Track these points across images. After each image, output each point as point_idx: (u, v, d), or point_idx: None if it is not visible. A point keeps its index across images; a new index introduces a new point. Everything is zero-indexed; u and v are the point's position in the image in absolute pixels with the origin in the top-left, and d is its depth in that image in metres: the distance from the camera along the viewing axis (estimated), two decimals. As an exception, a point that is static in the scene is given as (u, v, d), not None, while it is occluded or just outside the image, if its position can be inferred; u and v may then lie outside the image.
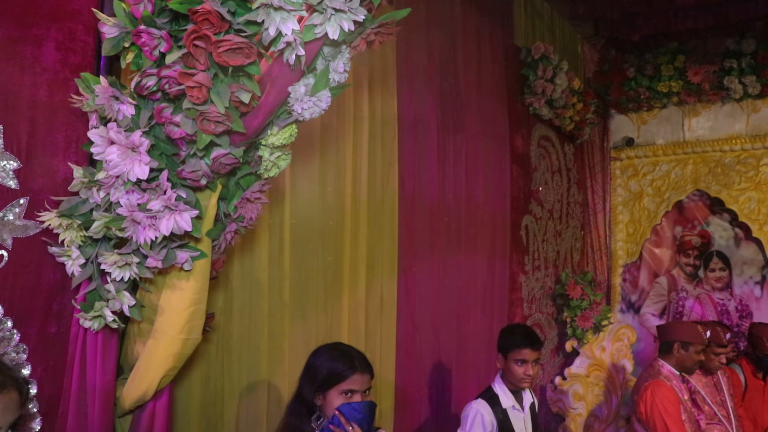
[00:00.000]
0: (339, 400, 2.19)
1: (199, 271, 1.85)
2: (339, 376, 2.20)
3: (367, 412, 2.19)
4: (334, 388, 2.20)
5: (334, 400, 2.20)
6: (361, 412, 2.17)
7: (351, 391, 2.20)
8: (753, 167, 5.42)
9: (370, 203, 3.20)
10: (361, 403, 2.19)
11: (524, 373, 3.19)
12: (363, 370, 2.24)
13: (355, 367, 2.21)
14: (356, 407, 2.17)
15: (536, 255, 4.93)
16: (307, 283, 2.87)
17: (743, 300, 5.43)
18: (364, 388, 2.23)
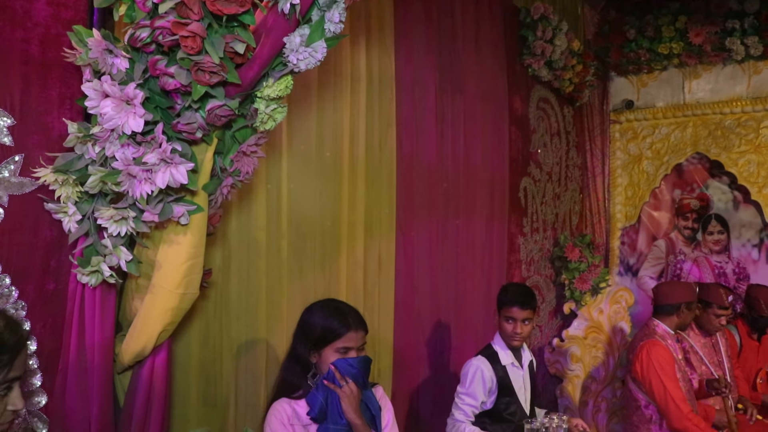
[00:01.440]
0: (334, 357, 2.20)
1: (195, 225, 1.85)
2: (334, 334, 2.21)
3: (361, 367, 2.21)
4: (329, 346, 2.22)
5: (329, 357, 2.21)
6: (356, 367, 2.19)
7: (346, 349, 2.22)
8: (753, 130, 5.39)
9: (367, 164, 3.19)
10: (356, 359, 2.21)
11: (513, 331, 3.24)
12: (357, 327, 2.24)
13: (350, 325, 2.22)
14: (351, 363, 2.19)
15: (535, 217, 4.93)
16: (304, 241, 2.87)
17: (741, 263, 5.44)
18: (359, 344, 2.25)
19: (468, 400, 3.26)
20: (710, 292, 4.19)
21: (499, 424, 3.26)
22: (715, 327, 4.20)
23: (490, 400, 3.28)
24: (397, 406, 3.43)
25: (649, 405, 3.60)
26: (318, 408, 2.19)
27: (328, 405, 2.19)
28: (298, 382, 2.26)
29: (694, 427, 3.46)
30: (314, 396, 2.20)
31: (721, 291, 4.19)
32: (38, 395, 1.96)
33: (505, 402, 3.28)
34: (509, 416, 3.27)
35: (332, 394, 2.18)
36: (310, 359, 2.26)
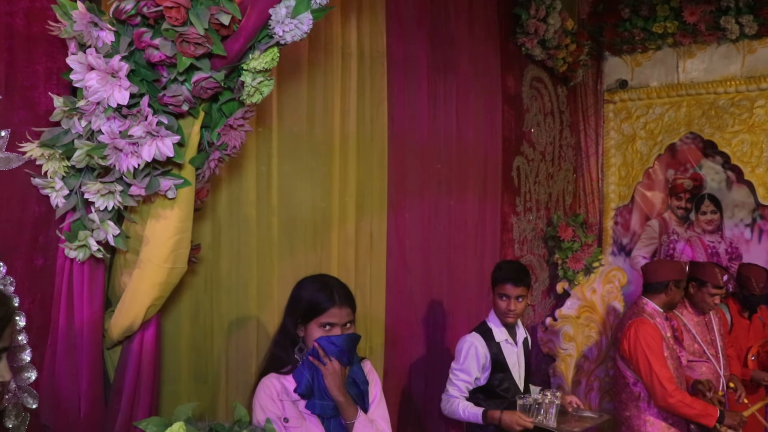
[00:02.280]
0: (318, 332, 2.20)
1: (183, 199, 1.85)
2: (318, 309, 2.21)
3: (345, 345, 2.20)
4: (314, 321, 2.22)
5: (314, 332, 2.21)
6: (338, 345, 2.19)
7: (330, 324, 2.21)
8: (747, 109, 5.38)
9: (359, 141, 3.18)
10: (339, 337, 2.20)
11: (507, 308, 3.28)
12: (342, 304, 2.23)
13: (334, 301, 2.21)
14: (334, 340, 2.18)
15: (528, 197, 4.93)
16: (295, 219, 2.87)
17: (733, 242, 5.45)
18: (344, 321, 2.23)
19: (462, 376, 3.30)
20: (705, 271, 4.21)
21: (493, 400, 3.29)
22: (709, 306, 4.22)
23: (483, 376, 3.31)
24: (389, 384, 3.46)
25: (638, 383, 3.62)
26: (304, 384, 2.20)
27: (314, 381, 2.20)
28: (286, 356, 2.27)
29: (679, 403, 3.47)
30: (300, 372, 2.21)
31: (717, 270, 4.20)
32: (28, 370, 1.96)
33: (499, 378, 3.31)
34: (503, 392, 3.30)
35: (318, 370, 2.19)
36: (298, 333, 2.27)
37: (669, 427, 3.59)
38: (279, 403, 2.22)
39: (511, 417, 3.12)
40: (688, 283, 4.32)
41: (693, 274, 4.29)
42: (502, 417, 3.14)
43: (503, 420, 3.14)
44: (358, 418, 2.21)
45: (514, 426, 3.11)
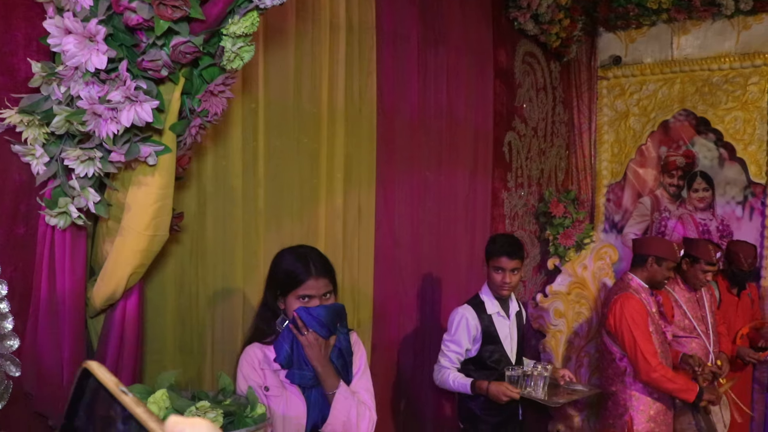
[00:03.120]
0: (297, 304, 2.21)
1: (164, 166, 1.83)
2: (295, 281, 2.21)
3: (324, 316, 2.20)
4: (292, 293, 2.22)
5: (293, 304, 2.21)
6: (316, 316, 2.19)
7: (307, 296, 2.21)
8: (741, 86, 5.36)
9: (347, 113, 3.16)
10: (318, 308, 2.20)
11: (501, 281, 3.32)
12: (319, 275, 2.22)
13: (310, 272, 2.21)
14: (312, 312, 2.18)
15: (519, 172, 4.92)
16: (281, 190, 2.86)
17: (725, 220, 5.45)
18: (322, 292, 2.23)
19: (453, 347, 3.35)
20: (699, 248, 4.22)
21: (484, 372, 3.33)
22: (701, 282, 4.24)
23: (474, 347, 3.36)
24: (378, 357, 3.47)
25: (624, 358, 3.64)
26: (284, 354, 2.20)
27: (293, 351, 2.20)
28: (268, 327, 2.27)
29: (661, 378, 3.49)
30: (280, 343, 2.21)
31: (710, 247, 4.21)
32: (10, 339, 1.95)
33: (489, 350, 3.35)
34: (493, 364, 3.34)
35: (298, 340, 2.19)
36: (278, 305, 2.27)
37: (654, 401, 3.61)
38: (260, 372, 2.23)
39: (498, 388, 3.16)
40: (682, 259, 4.33)
41: (686, 251, 4.31)
42: (489, 388, 3.18)
43: (490, 391, 3.18)
44: (339, 388, 2.22)
45: (501, 397, 3.14)
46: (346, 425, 2.23)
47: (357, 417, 2.24)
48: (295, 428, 2.21)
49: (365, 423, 2.26)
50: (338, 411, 2.21)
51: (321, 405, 2.23)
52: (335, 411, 2.20)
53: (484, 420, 3.36)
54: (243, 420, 1.92)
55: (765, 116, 5.24)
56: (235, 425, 1.90)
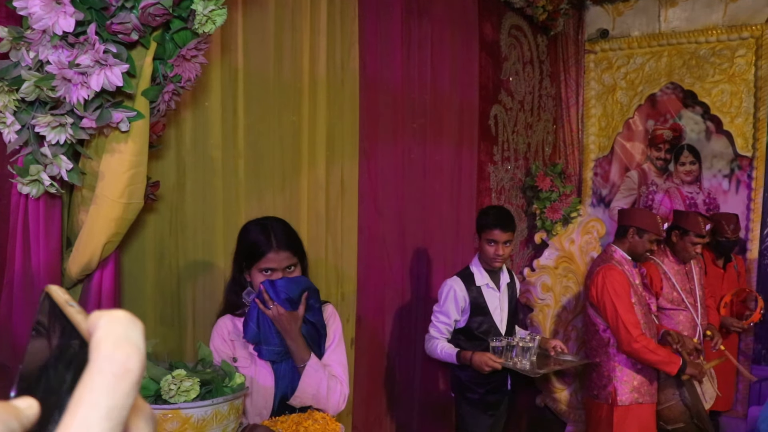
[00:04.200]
0: (260, 277, 2.20)
1: (137, 132, 1.80)
2: (256, 254, 2.20)
3: (287, 289, 2.19)
4: (255, 267, 2.21)
5: (257, 277, 2.21)
6: (278, 290, 2.18)
7: (270, 270, 2.20)
8: (728, 59, 5.35)
9: (329, 84, 3.12)
10: (281, 281, 2.19)
11: (494, 253, 3.35)
12: (280, 248, 2.20)
13: (271, 245, 2.19)
14: (276, 285, 2.17)
15: (506, 146, 4.90)
16: (262, 161, 2.83)
17: (711, 193, 5.46)
18: (284, 265, 2.21)
19: (442, 318, 3.39)
20: (688, 220, 4.22)
21: (473, 342, 3.37)
22: (690, 255, 4.25)
23: (463, 318, 3.38)
24: (362, 331, 3.47)
25: (607, 329, 3.65)
26: (251, 333, 2.20)
27: (260, 328, 2.19)
28: (237, 299, 2.27)
29: (643, 348, 3.50)
30: (246, 321, 2.21)
31: (700, 219, 4.22)
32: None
33: (478, 321, 3.38)
34: (481, 335, 3.37)
35: (264, 315, 2.18)
36: (244, 277, 2.26)
37: (637, 372, 3.62)
38: (229, 343, 2.23)
39: (481, 358, 3.18)
40: (671, 231, 4.34)
41: (676, 223, 4.32)
42: (473, 358, 3.21)
43: (473, 361, 3.20)
44: (309, 361, 2.21)
45: (483, 366, 3.17)
46: (316, 398, 2.23)
47: (327, 390, 2.23)
48: (262, 399, 2.21)
49: (336, 396, 2.26)
50: (307, 384, 2.21)
51: (290, 377, 2.22)
52: (304, 384, 2.20)
53: (473, 390, 3.40)
54: (221, 389, 1.91)
55: (752, 89, 5.24)
56: (213, 394, 1.89)
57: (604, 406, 3.67)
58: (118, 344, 0.42)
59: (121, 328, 0.43)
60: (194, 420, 1.80)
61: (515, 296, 3.56)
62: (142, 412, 0.46)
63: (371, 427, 3.65)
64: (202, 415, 1.82)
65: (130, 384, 0.41)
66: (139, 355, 0.42)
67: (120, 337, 0.42)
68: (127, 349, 0.42)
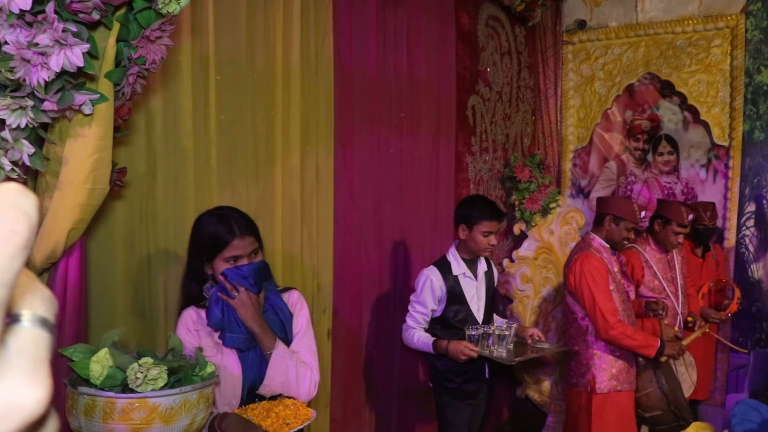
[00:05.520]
0: (225, 266, 2.16)
1: (101, 116, 1.76)
2: (219, 243, 2.16)
3: (253, 274, 2.16)
4: (219, 257, 2.17)
5: (221, 267, 2.16)
6: (247, 274, 2.15)
7: (235, 257, 2.17)
8: (704, 49, 5.37)
9: (303, 73, 3.09)
10: (247, 266, 2.16)
11: (488, 243, 3.35)
12: (243, 234, 2.18)
13: (235, 232, 2.16)
14: (242, 270, 2.14)
15: (484, 137, 4.88)
16: (235, 150, 2.79)
17: (689, 183, 5.48)
18: (249, 251, 2.19)
19: (419, 308, 3.38)
20: (671, 209, 4.23)
21: (449, 331, 3.36)
22: (672, 244, 4.26)
23: (439, 308, 3.37)
24: (338, 321, 3.45)
25: (585, 317, 3.64)
26: (215, 318, 2.16)
27: (224, 315, 2.16)
28: (198, 293, 2.23)
29: (620, 335, 3.50)
30: (211, 307, 2.17)
31: (683, 209, 4.23)
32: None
33: (454, 310, 3.37)
34: (458, 323, 3.36)
35: (228, 304, 2.15)
36: (205, 271, 2.22)
37: (616, 359, 3.62)
38: (194, 333, 2.20)
39: (456, 346, 3.17)
40: (654, 220, 4.35)
41: (659, 212, 4.33)
42: (449, 346, 3.20)
43: (449, 349, 3.19)
44: (276, 348, 2.18)
45: (459, 355, 3.16)
46: (285, 385, 2.20)
47: (297, 377, 2.20)
48: (230, 389, 2.18)
49: (306, 383, 2.23)
50: (275, 372, 2.18)
51: (259, 365, 2.20)
52: (272, 371, 2.18)
53: (451, 379, 3.38)
54: (190, 378, 1.88)
55: (728, 78, 5.26)
56: (182, 383, 1.85)
57: (583, 394, 3.67)
58: (5, 208, 0.42)
59: (11, 195, 0.43)
60: (162, 409, 1.76)
61: (493, 285, 3.55)
62: (40, 291, 0.46)
63: (350, 418, 3.63)
64: (170, 404, 1.78)
65: (15, 246, 0.41)
66: (28, 220, 0.42)
67: (8, 203, 0.42)
68: (14, 213, 0.42)
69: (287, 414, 2.08)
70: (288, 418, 2.08)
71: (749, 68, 5.16)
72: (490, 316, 3.52)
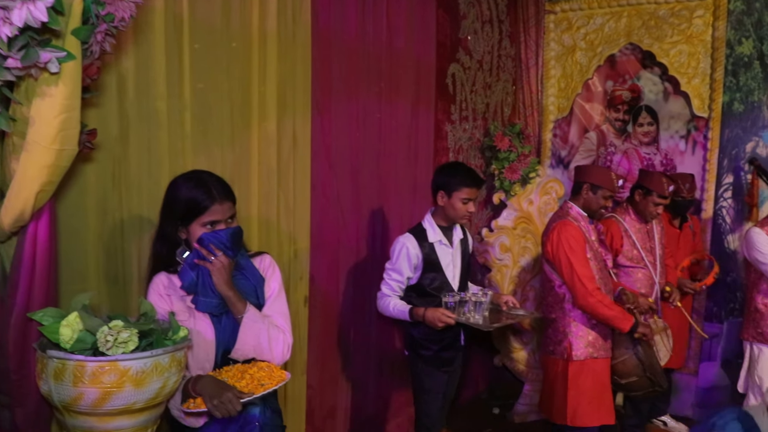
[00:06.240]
0: (202, 231, 2.14)
1: (68, 75, 1.72)
2: (198, 208, 2.13)
3: (232, 239, 2.15)
4: (196, 222, 2.14)
5: (197, 232, 2.14)
6: (225, 239, 2.13)
7: (213, 222, 2.15)
8: (686, 19, 5.34)
9: (279, 37, 3.04)
10: (225, 231, 2.14)
11: (467, 211, 3.32)
12: (223, 199, 2.16)
13: (214, 197, 2.14)
14: (221, 235, 2.12)
15: (464, 105, 4.85)
16: (210, 115, 2.75)
17: (668, 154, 5.49)
18: (227, 216, 2.17)
19: (394, 276, 3.36)
20: (653, 180, 4.24)
21: (425, 299, 3.34)
22: (652, 215, 4.28)
23: (415, 275, 3.35)
24: (315, 288, 3.44)
25: (563, 285, 3.64)
26: (189, 280, 2.15)
27: (199, 278, 2.14)
28: (169, 257, 2.20)
29: (598, 303, 3.51)
30: (185, 269, 2.15)
31: (664, 180, 4.24)
32: None
33: (430, 278, 3.35)
34: (433, 291, 3.35)
35: (202, 268, 2.13)
36: (179, 235, 2.20)
37: (592, 328, 3.64)
38: (166, 298, 2.18)
39: (434, 314, 3.17)
40: (635, 190, 4.36)
41: (640, 182, 4.34)
42: (426, 314, 3.19)
43: (426, 316, 3.19)
44: (247, 312, 2.17)
45: (436, 322, 3.16)
46: (257, 349, 2.19)
47: (269, 340, 2.20)
48: (204, 353, 2.17)
49: (279, 346, 2.23)
50: (246, 335, 2.17)
51: (232, 330, 2.19)
52: (243, 335, 2.17)
53: (427, 347, 3.38)
54: (162, 341, 1.86)
55: (709, 50, 5.25)
56: (153, 346, 1.84)
57: (560, 361, 3.69)
58: None
59: None
60: (133, 372, 1.75)
61: (468, 252, 3.54)
62: None
63: (326, 386, 3.64)
64: (142, 367, 1.77)
65: None
66: None
67: None
68: None
69: (262, 375, 2.08)
70: (263, 379, 2.08)
71: (730, 39, 5.15)
72: (465, 283, 3.52)
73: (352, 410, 3.87)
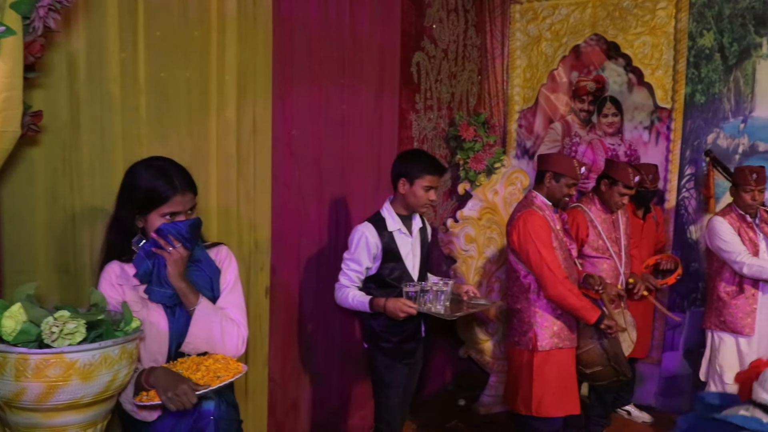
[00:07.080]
0: (160, 222, 2.06)
1: (8, 51, 1.63)
2: (159, 198, 2.06)
3: (191, 231, 2.08)
4: (155, 211, 2.07)
5: (156, 222, 2.06)
6: (185, 230, 2.06)
7: (173, 214, 2.07)
8: (650, 11, 5.36)
9: (239, 20, 2.95)
10: (185, 222, 2.07)
11: (428, 199, 3.27)
12: (184, 190, 2.09)
13: (176, 188, 2.06)
14: (180, 227, 2.05)
15: (429, 94, 4.81)
16: (167, 99, 2.66)
17: (632, 145, 5.50)
18: (187, 207, 2.11)
19: (353, 266, 3.28)
20: (618, 170, 4.24)
21: (384, 289, 3.28)
22: (617, 204, 4.28)
23: (375, 266, 3.29)
24: (277, 279, 3.37)
25: (528, 275, 3.62)
26: (144, 269, 2.07)
27: (154, 268, 2.07)
28: (123, 246, 2.12)
29: (567, 292, 3.50)
30: (140, 257, 2.07)
31: (630, 170, 4.23)
32: None
33: (390, 267, 3.30)
34: (393, 281, 3.29)
35: (159, 257, 2.05)
36: (136, 224, 2.11)
37: (557, 318, 3.62)
38: (119, 288, 2.10)
39: (395, 304, 3.11)
40: (600, 180, 4.35)
41: (606, 172, 4.33)
42: (387, 304, 3.14)
43: (387, 307, 3.13)
44: (199, 304, 2.10)
45: (398, 313, 3.10)
46: (209, 342, 2.12)
47: (222, 333, 2.13)
48: (156, 345, 2.10)
49: (233, 339, 2.16)
50: (198, 328, 2.11)
51: (186, 322, 2.12)
52: (195, 328, 2.10)
53: (387, 339, 3.32)
54: (112, 333, 1.78)
55: (671, 41, 5.26)
56: (103, 338, 1.76)
57: (525, 352, 3.67)
58: None
59: None
60: (80, 365, 1.67)
61: (427, 241, 3.49)
62: None
63: (288, 378, 3.57)
64: (89, 360, 1.69)
65: None
66: None
67: None
68: None
69: (218, 367, 2.01)
70: (219, 371, 2.01)
71: (692, 31, 5.17)
72: (425, 273, 3.47)
73: (314, 403, 3.81)
